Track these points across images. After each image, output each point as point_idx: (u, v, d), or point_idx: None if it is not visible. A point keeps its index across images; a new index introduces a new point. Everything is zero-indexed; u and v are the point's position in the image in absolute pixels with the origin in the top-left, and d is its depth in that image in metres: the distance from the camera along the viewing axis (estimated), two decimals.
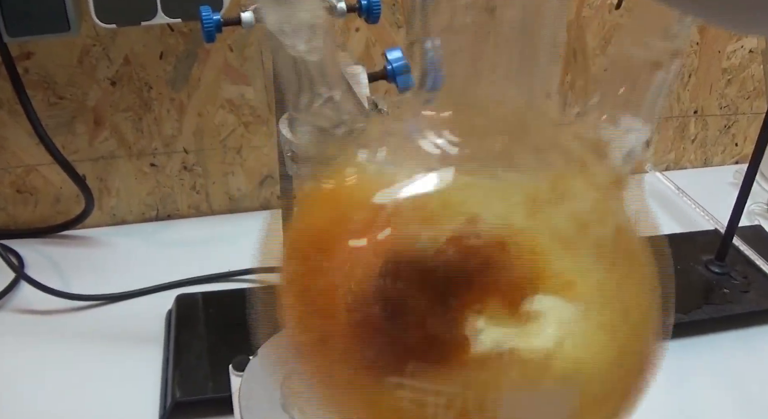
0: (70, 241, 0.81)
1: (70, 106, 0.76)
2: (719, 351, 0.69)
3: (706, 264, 0.75)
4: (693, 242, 0.79)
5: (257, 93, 0.80)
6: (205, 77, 0.77)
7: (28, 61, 0.72)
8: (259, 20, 0.28)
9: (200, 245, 0.81)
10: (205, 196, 0.85)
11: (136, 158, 0.81)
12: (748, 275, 0.74)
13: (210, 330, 0.65)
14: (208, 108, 0.79)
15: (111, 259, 0.79)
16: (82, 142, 0.78)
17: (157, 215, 0.85)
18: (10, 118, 0.74)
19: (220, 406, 0.58)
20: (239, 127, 0.81)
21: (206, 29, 0.48)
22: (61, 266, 0.77)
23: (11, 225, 0.82)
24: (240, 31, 0.75)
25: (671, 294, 0.22)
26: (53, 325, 0.69)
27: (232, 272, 0.75)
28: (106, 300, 0.72)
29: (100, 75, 0.75)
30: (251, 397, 0.53)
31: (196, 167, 0.83)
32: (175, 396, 0.59)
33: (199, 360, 0.62)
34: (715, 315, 0.70)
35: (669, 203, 0.91)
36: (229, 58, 0.77)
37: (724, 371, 0.67)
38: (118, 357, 0.65)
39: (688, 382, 0.66)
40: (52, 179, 0.80)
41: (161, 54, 0.75)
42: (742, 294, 0.72)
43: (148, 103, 0.77)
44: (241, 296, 0.73)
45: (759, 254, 0.76)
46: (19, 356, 0.65)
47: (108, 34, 0.72)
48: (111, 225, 0.84)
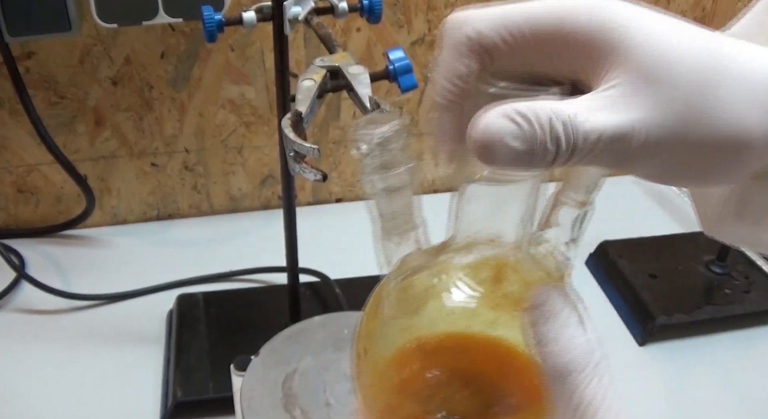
0: (71, 241, 0.81)
1: (71, 105, 0.76)
2: (720, 351, 0.69)
3: (708, 265, 0.75)
4: (694, 243, 0.79)
5: (258, 93, 0.80)
6: (206, 77, 0.77)
7: (29, 60, 0.72)
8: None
9: (201, 245, 0.81)
10: (206, 196, 0.85)
11: (137, 157, 0.81)
12: (750, 276, 0.74)
13: (211, 329, 0.65)
14: (209, 108, 0.79)
15: (112, 259, 0.79)
16: (83, 141, 0.78)
17: (158, 214, 0.85)
18: (11, 117, 0.74)
19: (221, 406, 0.58)
20: (240, 127, 0.81)
21: (207, 29, 0.48)
22: (62, 265, 0.77)
23: (12, 225, 0.82)
24: (241, 31, 0.75)
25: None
26: (54, 325, 0.69)
27: (234, 271, 0.75)
28: (107, 300, 0.72)
29: (101, 75, 0.74)
30: (252, 397, 0.53)
31: (197, 167, 0.83)
32: (177, 396, 0.59)
33: (200, 359, 0.62)
34: (716, 315, 0.70)
35: (670, 203, 0.91)
36: (231, 58, 0.77)
37: (725, 371, 0.67)
38: (119, 356, 0.65)
39: (689, 382, 0.66)
40: (53, 179, 0.80)
41: (162, 54, 0.75)
42: (744, 295, 0.72)
43: (149, 102, 0.77)
44: (242, 296, 0.74)
45: (760, 255, 0.76)
46: (20, 355, 0.65)
47: (109, 33, 0.72)
48: (112, 225, 0.84)
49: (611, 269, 0.75)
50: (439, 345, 0.30)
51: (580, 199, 0.34)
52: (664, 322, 0.68)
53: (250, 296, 0.71)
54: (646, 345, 0.69)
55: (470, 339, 0.30)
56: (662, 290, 0.71)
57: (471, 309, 0.30)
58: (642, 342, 0.69)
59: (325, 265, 0.72)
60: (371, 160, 0.30)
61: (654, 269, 0.74)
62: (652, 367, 0.67)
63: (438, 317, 0.31)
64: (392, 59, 0.43)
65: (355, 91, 0.41)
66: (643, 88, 0.25)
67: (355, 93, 0.41)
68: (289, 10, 0.48)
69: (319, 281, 0.73)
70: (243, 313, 0.68)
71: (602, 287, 0.76)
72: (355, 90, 0.41)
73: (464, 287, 0.31)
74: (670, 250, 0.78)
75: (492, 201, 0.30)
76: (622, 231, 0.80)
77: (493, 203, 0.30)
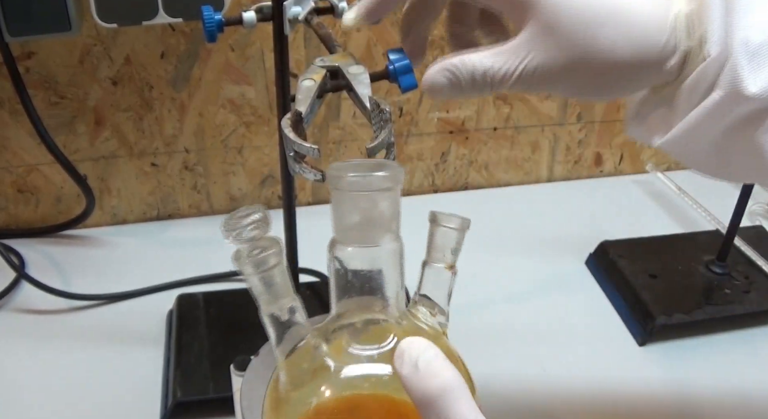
0: (71, 241, 0.81)
1: (71, 105, 0.76)
2: (720, 351, 0.69)
3: (708, 265, 0.75)
4: (694, 243, 0.79)
5: (258, 93, 0.80)
6: (206, 77, 0.77)
7: (30, 60, 0.72)
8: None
9: (201, 245, 0.81)
10: (206, 196, 0.85)
11: (137, 157, 0.81)
12: (750, 276, 0.74)
13: (211, 329, 0.65)
14: (209, 108, 0.79)
15: (112, 259, 0.79)
16: (83, 141, 0.78)
17: (158, 214, 0.85)
18: (11, 117, 0.74)
19: (221, 406, 0.58)
20: (240, 127, 0.81)
21: (208, 29, 0.47)
22: (62, 265, 0.77)
23: (12, 225, 0.82)
24: (241, 31, 0.75)
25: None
26: (54, 325, 0.69)
27: (234, 272, 0.75)
28: (107, 300, 0.72)
29: (101, 75, 0.75)
30: (252, 397, 0.53)
31: (197, 167, 0.83)
32: (176, 396, 0.59)
33: (200, 359, 0.62)
34: (716, 315, 0.70)
35: (670, 203, 0.91)
36: (231, 58, 0.77)
37: (725, 371, 0.67)
38: (118, 356, 0.65)
39: (689, 382, 0.66)
40: (53, 179, 0.80)
41: (162, 54, 0.75)
42: (744, 295, 0.72)
43: (149, 102, 0.77)
44: (242, 296, 0.73)
45: (760, 255, 0.76)
46: (20, 355, 0.65)
47: (109, 33, 0.72)
48: (112, 225, 0.84)
49: (611, 269, 0.75)
50: (334, 409, 0.33)
51: (447, 261, 0.38)
52: (664, 322, 0.68)
53: (250, 297, 0.70)
54: (646, 345, 0.69)
55: (362, 399, 0.34)
56: (662, 290, 0.71)
57: (361, 374, 0.34)
58: (642, 342, 0.69)
59: (325, 265, 0.72)
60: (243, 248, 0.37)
61: (654, 269, 0.74)
62: (652, 367, 0.67)
63: (330, 383, 0.34)
64: (392, 59, 0.42)
65: (355, 91, 0.41)
66: (542, 36, 0.36)
67: (355, 93, 0.41)
68: (289, 10, 0.48)
69: (319, 281, 0.73)
70: (243, 313, 0.68)
71: (602, 287, 0.76)
72: (355, 90, 0.41)
73: (352, 351, 0.34)
74: (670, 250, 0.78)
75: (366, 262, 0.35)
76: (622, 231, 0.80)
77: (368, 264, 0.35)
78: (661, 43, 0.35)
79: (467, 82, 0.37)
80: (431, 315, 0.38)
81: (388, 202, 0.32)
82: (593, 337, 0.70)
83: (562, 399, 0.63)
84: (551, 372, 0.66)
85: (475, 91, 0.38)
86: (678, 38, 0.35)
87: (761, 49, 0.33)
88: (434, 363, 0.28)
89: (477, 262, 0.80)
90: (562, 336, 0.70)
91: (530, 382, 0.65)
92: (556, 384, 0.65)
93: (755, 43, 0.33)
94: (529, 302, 0.74)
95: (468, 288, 0.76)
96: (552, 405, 0.63)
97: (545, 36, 0.36)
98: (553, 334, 0.70)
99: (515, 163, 0.94)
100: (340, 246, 0.35)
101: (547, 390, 0.64)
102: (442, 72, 0.38)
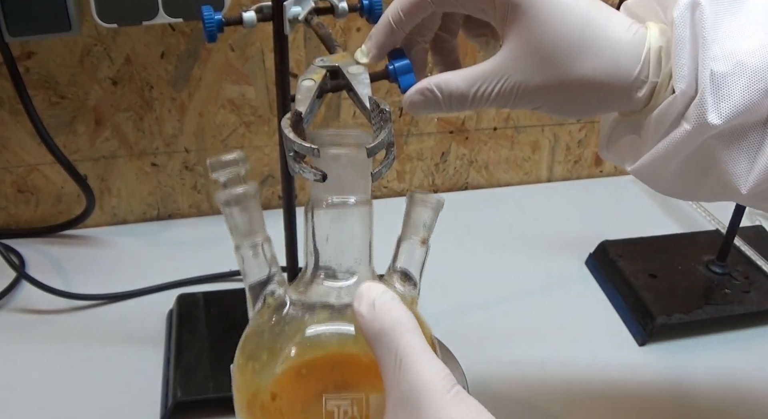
0: (71, 240, 0.81)
1: (71, 105, 0.76)
2: (720, 351, 0.69)
3: (708, 265, 0.75)
4: (694, 243, 0.79)
5: (258, 93, 0.80)
6: (206, 77, 0.77)
7: (30, 60, 0.72)
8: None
9: (201, 245, 0.81)
10: (206, 195, 0.85)
11: (137, 157, 0.81)
12: (749, 276, 0.74)
13: (211, 329, 0.65)
14: (210, 108, 0.79)
15: (112, 259, 0.79)
16: (83, 141, 0.78)
17: (158, 214, 0.85)
18: (11, 117, 0.74)
19: (221, 406, 0.58)
20: (240, 126, 0.81)
21: (208, 29, 0.47)
22: (62, 265, 0.77)
23: (12, 225, 0.82)
24: (241, 31, 0.75)
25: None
26: (54, 325, 0.69)
27: (234, 271, 0.75)
28: (107, 300, 0.72)
29: (101, 75, 0.75)
30: None
31: (197, 167, 0.83)
32: (176, 396, 0.59)
33: (200, 359, 0.62)
34: (716, 315, 0.70)
35: (670, 203, 0.91)
36: (231, 58, 0.77)
37: (725, 371, 0.67)
38: (118, 356, 0.65)
39: (689, 382, 0.66)
40: (53, 179, 0.80)
41: (162, 54, 0.75)
42: (744, 295, 0.72)
43: (150, 102, 0.77)
44: (242, 296, 0.73)
45: (760, 255, 0.76)
46: (20, 355, 0.65)
47: (109, 33, 0.72)
48: (112, 225, 0.84)
49: (611, 269, 0.75)
50: (312, 363, 0.38)
51: (420, 236, 0.42)
52: (663, 322, 0.68)
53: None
54: (645, 345, 0.69)
55: (336, 356, 0.38)
56: (662, 290, 0.71)
57: (337, 332, 0.38)
58: (642, 342, 0.69)
59: None
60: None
61: (654, 269, 0.74)
62: (652, 367, 0.67)
63: (306, 343, 0.38)
64: (392, 59, 0.43)
65: (355, 91, 0.41)
66: (523, 57, 0.38)
67: (355, 93, 0.41)
68: (289, 10, 0.48)
69: None
70: (243, 313, 0.67)
71: (602, 287, 0.76)
72: (355, 90, 0.41)
73: (326, 314, 0.38)
74: (669, 250, 0.78)
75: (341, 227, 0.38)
76: (622, 231, 0.80)
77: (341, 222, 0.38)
78: (634, 74, 0.38)
79: (446, 103, 0.40)
80: (403, 285, 0.41)
81: (359, 163, 0.37)
82: (593, 337, 0.70)
83: (562, 399, 0.63)
84: (551, 371, 0.66)
85: (453, 110, 0.40)
86: (650, 71, 0.38)
87: (725, 80, 0.35)
88: (388, 303, 0.32)
89: (477, 262, 0.80)
90: (562, 336, 0.70)
91: (530, 382, 0.65)
92: (556, 384, 0.65)
93: (719, 74, 0.35)
94: (529, 302, 0.74)
95: (468, 288, 0.76)
96: (552, 405, 0.63)
97: (526, 57, 0.38)
98: (553, 334, 0.70)
99: (515, 163, 0.94)
100: (317, 205, 0.38)
101: (547, 390, 0.64)
102: (423, 92, 0.40)
